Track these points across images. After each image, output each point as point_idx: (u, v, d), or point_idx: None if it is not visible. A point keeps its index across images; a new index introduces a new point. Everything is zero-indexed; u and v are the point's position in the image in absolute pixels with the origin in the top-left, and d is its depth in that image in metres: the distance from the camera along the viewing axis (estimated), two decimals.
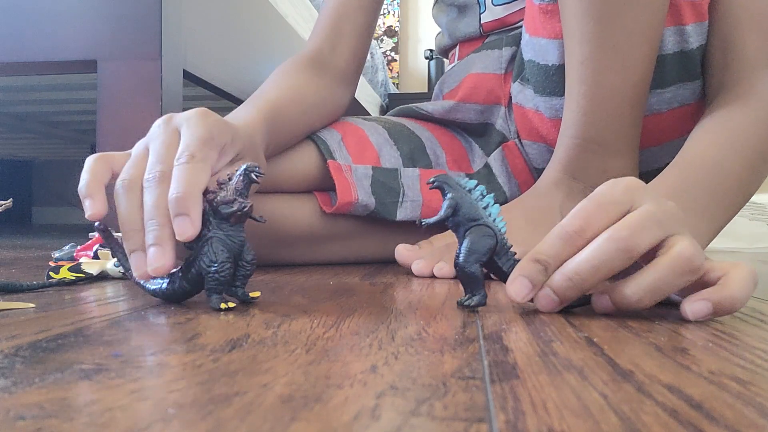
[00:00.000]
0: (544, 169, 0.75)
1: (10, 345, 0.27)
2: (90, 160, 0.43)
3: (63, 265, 0.53)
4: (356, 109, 2.15)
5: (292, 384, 0.22)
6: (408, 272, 0.64)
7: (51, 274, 0.52)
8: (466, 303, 0.40)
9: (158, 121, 0.45)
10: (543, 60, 0.71)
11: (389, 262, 0.76)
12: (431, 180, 0.41)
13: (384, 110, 2.75)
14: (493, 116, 0.84)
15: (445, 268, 0.61)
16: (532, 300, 0.39)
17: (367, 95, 2.37)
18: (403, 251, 0.66)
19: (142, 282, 0.42)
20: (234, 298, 0.41)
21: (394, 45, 3.42)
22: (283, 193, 0.71)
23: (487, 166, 0.81)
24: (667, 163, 0.76)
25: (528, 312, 0.40)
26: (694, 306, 0.37)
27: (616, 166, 0.64)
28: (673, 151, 0.75)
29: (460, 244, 0.40)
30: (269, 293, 0.47)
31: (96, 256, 0.57)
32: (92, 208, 0.40)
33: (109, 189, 0.42)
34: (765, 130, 0.60)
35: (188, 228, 0.38)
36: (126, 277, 0.53)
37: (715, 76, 0.66)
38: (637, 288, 0.37)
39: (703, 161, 0.57)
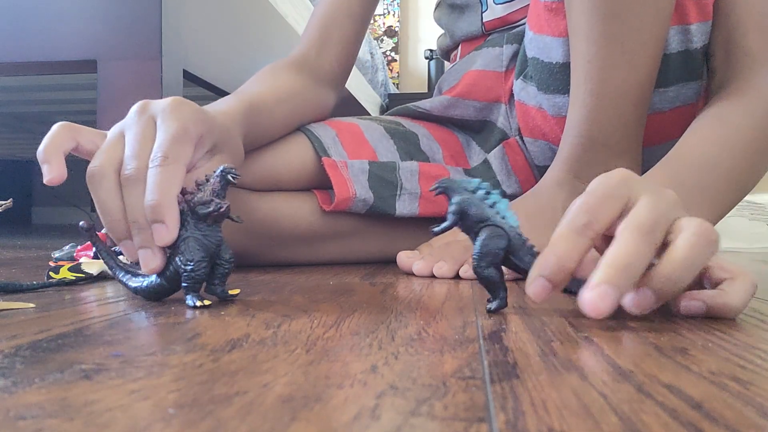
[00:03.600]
0: (545, 166, 0.75)
1: (10, 345, 0.27)
2: (55, 127, 0.43)
3: (63, 265, 0.53)
4: (356, 109, 2.15)
5: (292, 384, 0.22)
6: (408, 272, 0.64)
7: (51, 274, 0.52)
8: (487, 308, 0.39)
9: (134, 108, 0.45)
10: (547, 58, 0.71)
11: (389, 262, 0.76)
12: (434, 186, 0.40)
13: (384, 110, 2.75)
14: (492, 114, 0.84)
15: (444, 267, 0.61)
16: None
17: (367, 95, 2.37)
18: (404, 258, 0.66)
19: (124, 280, 0.43)
20: (212, 296, 0.43)
21: (394, 45, 3.42)
22: (282, 193, 0.71)
23: (485, 162, 0.81)
24: None
25: (528, 312, 0.40)
26: (690, 303, 0.37)
27: (620, 166, 0.64)
28: None
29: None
30: (269, 293, 0.47)
31: (96, 256, 0.57)
32: (50, 173, 0.41)
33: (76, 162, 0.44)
34: (762, 125, 0.59)
35: (164, 235, 0.40)
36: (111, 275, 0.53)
37: (718, 74, 0.66)
38: (674, 265, 0.35)
39: (693, 157, 0.57)
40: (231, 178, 0.40)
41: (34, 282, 0.47)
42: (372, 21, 3.41)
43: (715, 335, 0.33)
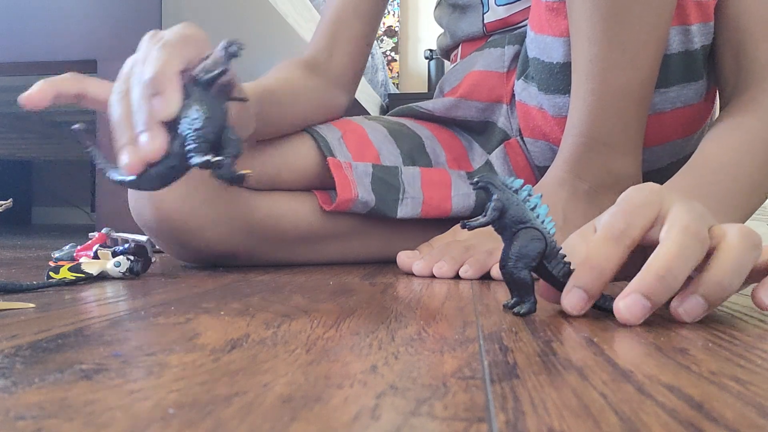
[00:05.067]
0: (545, 167, 0.75)
1: (10, 345, 0.27)
2: (59, 76, 0.43)
3: (63, 265, 0.53)
4: (356, 109, 2.15)
5: (292, 384, 0.22)
6: (408, 272, 0.64)
7: (51, 274, 0.52)
8: (515, 310, 0.38)
9: (144, 36, 0.44)
10: (548, 58, 0.71)
11: (389, 262, 0.76)
12: (475, 180, 0.39)
13: (384, 110, 2.75)
14: (494, 114, 0.84)
15: (444, 267, 0.61)
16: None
17: (367, 95, 2.37)
18: (404, 258, 0.66)
19: (122, 176, 0.40)
20: (225, 175, 0.38)
21: (394, 45, 3.42)
22: (283, 192, 0.71)
23: (488, 163, 0.81)
24: (669, 164, 0.76)
25: None
26: (686, 304, 0.36)
27: (621, 166, 0.64)
28: (676, 151, 0.76)
29: (507, 247, 0.38)
30: (269, 293, 0.47)
31: (96, 256, 0.57)
32: (30, 92, 0.41)
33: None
34: None
35: (164, 105, 0.38)
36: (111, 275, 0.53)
37: (730, 81, 0.67)
38: (724, 269, 0.34)
39: (715, 164, 0.58)
40: (235, 50, 0.38)
41: (34, 282, 0.47)
42: None
43: (715, 335, 0.33)
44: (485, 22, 0.88)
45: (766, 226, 1.48)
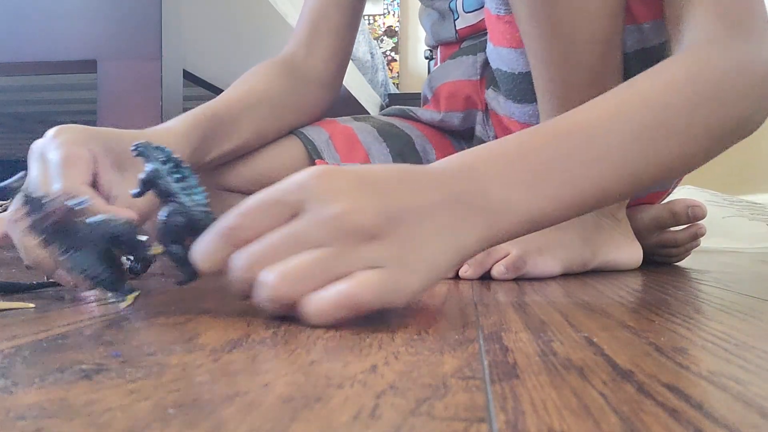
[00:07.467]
0: None
1: (10, 345, 0.27)
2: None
3: None
4: (356, 109, 2.15)
5: (292, 384, 0.22)
6: None
7: None
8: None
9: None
10: (509, 68, 0.71)
11: None
12: (134, 146, 0.38)
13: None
14: (475, 121, 0.86)
15: None
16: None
17: (367, 95, 2.37)
18: None
19: None
20: None
21: (394, 45, 3.42)
22: None
23: None
24: None
25: (528, 312, 0.40)
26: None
27: None
28: None
29: None
30: None
31: None
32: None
33: None
34: (666, 85, 0.44)
35: None
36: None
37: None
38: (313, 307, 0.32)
39: (562, 126, 0.44)
40: None
41: (34, 282, 0.47)
42: (372, 21, 3.41)
43: (715, 335, 0.33)
44: (457, 28, 0.89)
45: (765, 226, 1.48)
